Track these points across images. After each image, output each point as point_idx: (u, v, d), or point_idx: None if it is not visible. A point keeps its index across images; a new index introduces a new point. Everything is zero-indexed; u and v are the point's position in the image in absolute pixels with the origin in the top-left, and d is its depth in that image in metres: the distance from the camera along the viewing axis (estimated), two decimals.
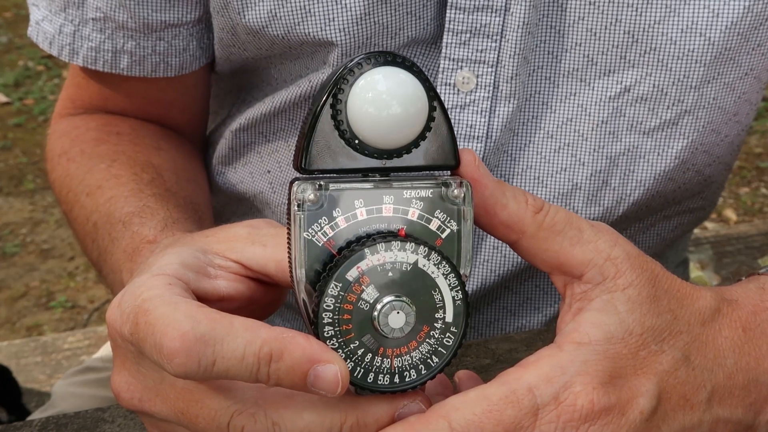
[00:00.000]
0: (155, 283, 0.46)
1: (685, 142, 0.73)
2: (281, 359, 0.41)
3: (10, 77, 3.93)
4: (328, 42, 0.70)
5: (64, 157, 0.82)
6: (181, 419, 0.45)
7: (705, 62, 0.69)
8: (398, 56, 0.42)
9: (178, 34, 0.78)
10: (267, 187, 0.81)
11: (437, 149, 0.44)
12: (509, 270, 0.75)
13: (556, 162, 0.73)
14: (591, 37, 0.69)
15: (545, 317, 0.80)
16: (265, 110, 0.79)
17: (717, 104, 0.72)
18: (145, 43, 0.78)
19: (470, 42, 0.69)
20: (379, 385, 0.43)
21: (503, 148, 0.72)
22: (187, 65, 0.80)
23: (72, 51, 0.80)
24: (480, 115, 0.71)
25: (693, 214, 0.82)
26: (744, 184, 3.11)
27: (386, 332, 0.42)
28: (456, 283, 0.43)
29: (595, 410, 0.43)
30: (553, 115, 0.72)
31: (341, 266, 0.42)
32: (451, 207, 0.44)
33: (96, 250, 0.72)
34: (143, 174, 0.76)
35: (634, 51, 0.69)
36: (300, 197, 0.42)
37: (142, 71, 0.80)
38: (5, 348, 1.77)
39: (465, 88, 0.70)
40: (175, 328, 0.41)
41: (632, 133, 0.72)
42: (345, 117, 0.42)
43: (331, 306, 0.42)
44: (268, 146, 0.81)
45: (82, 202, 0.76)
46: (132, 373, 0.47)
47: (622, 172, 0.73)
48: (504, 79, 0.70)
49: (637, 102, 0.71)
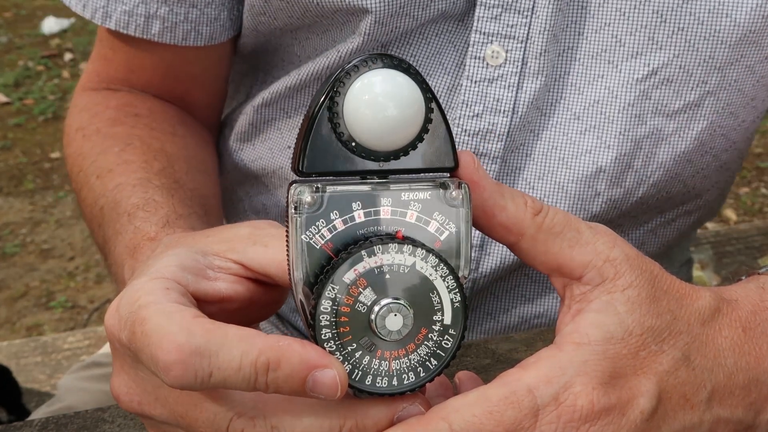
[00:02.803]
0: (152, 287, 0.46)
1: (705, 123, 0.74)
2: (279, 368, 0.41)
3: (10, 77, 3.93)
4: (362, 9, 0.70)
5: (80, 133, 0.82)
6: (181, 423, 0.45)
7: (730, 43, 0.70)
8: (395, 58, 0.43)
9: (211, 2, 0.79)
10: (287, 162, 0.82)
11: (435, 151, 0.44)
12: None
13: (582, 144, 0.73)
14: (620, 17, 0.70)
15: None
16: (290, 83, 0.79)
17: (737, 86, 0.73)
18: (178, 10, 0.79)
19: (501, 16, 0.70)
20: (378, 387, 0.43)
21: (529, 126, 0.73)
22: (216, 35, 0.81)
23: (105, 14, 0.80)
24: (507, 90, 0.71)
25: (706, 208, 0.83)
26: (744, 184, 3.11)
27: (384, 335, 0.42)
28: (454, 285, 0.43)
29: (595, 410, 0.43)
30: (581, 96, 0.72)
31: (338, 268, 0.42)
32: (450, 209, 0.44)
33: (102, 237, 0.73)
34: (154, 162, 0.76)
35: (662, 31, 0.70)
36: (297, 200, 0.42)
37: (173, 38, 0.80)
38: (5, 348, 1.77)
39: (494, 62, 0.71)
40: (171, 340, 0.41)
41: (657, 115, 0.73)
42: (342, 119, 0.42)
43: (328, 308, 0.42)
44: (289, 122, 0.81)
45: (91, 184, 0.77)
46: (131, 377, 0.47)
47: (644, 155, 0.74)
48: (533, 56, 0.71)
49: (663, 84, 0.72)
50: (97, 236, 0.75)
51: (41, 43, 4.32)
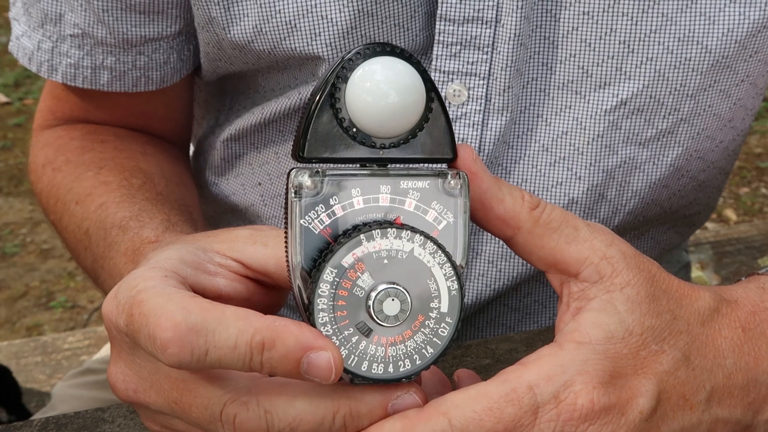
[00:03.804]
0: (151, 274, 0.46)
1: (680, 150, 0.72)
2: (274, 347, 0.41)
3: (10, 77, 3.93)
4: (314, 56, 0.69)
5: (49, 167, 0.81)
6: (175, 409, 0.45)
7: (702, 70, 0.69)
8: (396, 47, 0.43)
9: (158, 48, 0.77)
10: (258, 199, 0.81)
11: (434, 141, 0.44)
12: (505, 285, 0.75)
13: (552, 176, 0.72)
14: (586, 48, 0.68)
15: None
16: (254, 120, 0.78)
17: (712, 111, 0.72)
18: (125, 59, 0.77)
19: (461, 54, 0.68)
20: (373, 374, 0.43)
21: (497, 162, 0.71)
22: (168, 78, 0.80)
23: (51, 68, 0.79)
24: (472, 128, 0.69)
25: (689, 219, 0.82)
26: (744, 184, 3.11)
27: (381, 319, 0.42)
28: (452, 273, 0.43)
29: (595, 409, 0.43)
30: (548, 127, 0.71)
31: (337, 252, 0.42)
32: (448, 198, 0.44)
33: (90, 258, 0.72)
34: (133, 179, 0.75)
35: (630, 62, 0.68)
36: (297, 183, 0.42)
37: (123, 86, 0.79)
38: (5, 348, 1.77)
39: (456, 101, 0.69)
40: (168, 318, 0.41)
41: (628, 145, 0.71)
42: (343, 106, 0.42)
43: (326, 292, 0.42)
44: (259, 157, 0.80)
45: (71, 211, 0.75)
46: (127, 364, 0.47)
47: (618, 184, 0.73)
48: (496, 92, 0.69)
49: (634, 114, 0.70)
50: (84, 259, 0.74)
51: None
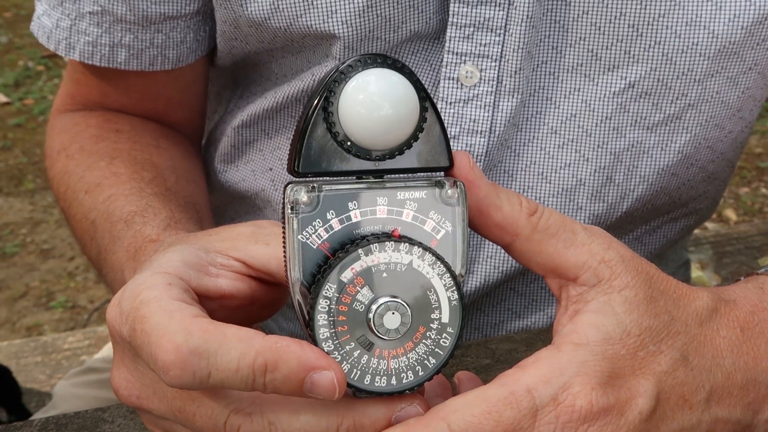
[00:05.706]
0: (154, 282, 0.46)
1: (688, 136, 0.73)
2: (276, 369, 0.41)
3: (10, 77, 3.93)
4: (330, 35, 0.70)
5: (63, 153, 0.82)
6: (179, 417, 0.45)
7: (709, 56, 0.70)
8: (389, 58, 0.43)
9: (176, 26, 0.78)
10: (269, 184, 0.81)
11: (430, 150, 0.44)
12: (513, 268, 0.75)
13: (560, 158, 0.73)
14: (595, 31, 0.69)
15: (550, 319, 0.80)
16: (267, 105, 0.78)
17: (720, 98, 0.72)
18: (143, 36, 0.78)
19: (474, 36, 0.69)
20: (376, 387, 0.43)
21: (507, 144, 0.72)
22: (183, 57, 0.81)
23: (69, 45, 0.80)
24: (483, 110, 0.71)
25: (697, 215, 0.83)
26: (744, 184, 3.11)
27: (382, 333, 0.42)
28: (451, 283, 0.43)
29: (593, 411, 0.43)
30: (557, 110, 0.72)
31: (335, 267, 0.42)
32: (446, 207, 0.44)
33: (95, 248, 0.72)
34: (143, 172, 0.76)
35: (639, 45, 0.70)
36: (294, 199, 0.42)
37: (140, 65, 0.80)
38: (5, 348, 1.77)
39: (468, 82, 0.70)
40: (169, 340, 0.41)
41: (636, 128, 0.72)
42: (337, 119, 0.42)
43: (326, 307, 0.42)
44: (270, 143, 0.81)
45: (80, 200, 0.76)
46: (130, 371, 0.47)
47: (626, 168, 0.73)
48: (507, 74, 0.70)
49: (641, 97, 0.71)
50: (89, 250, 0.75)
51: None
